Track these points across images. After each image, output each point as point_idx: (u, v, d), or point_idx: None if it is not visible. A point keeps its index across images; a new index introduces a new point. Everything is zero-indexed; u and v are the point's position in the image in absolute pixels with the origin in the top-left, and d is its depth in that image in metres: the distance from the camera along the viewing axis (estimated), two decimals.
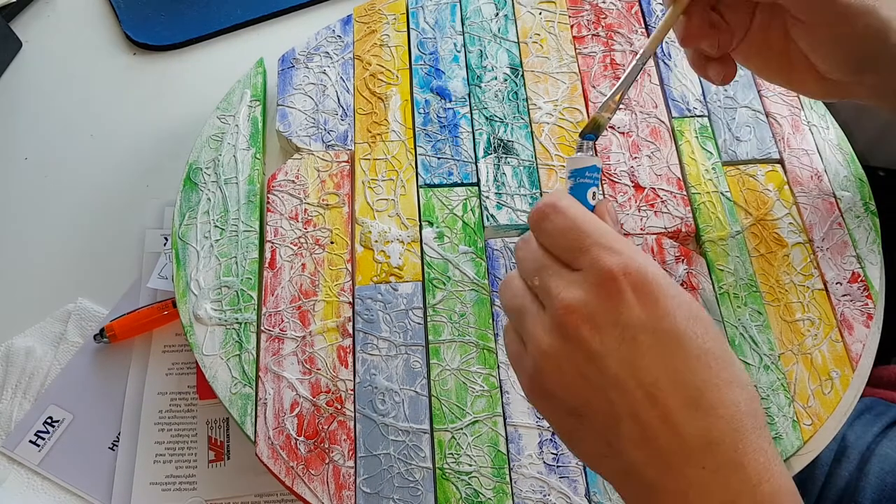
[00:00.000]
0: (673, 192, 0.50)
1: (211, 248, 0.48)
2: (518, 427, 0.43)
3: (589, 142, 0.37)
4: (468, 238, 0.48)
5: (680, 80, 0.54)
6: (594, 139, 0.37)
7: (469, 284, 0.47)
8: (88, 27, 0.66)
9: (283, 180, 0.50)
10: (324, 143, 0.52)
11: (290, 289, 0.47)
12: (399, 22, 0.57)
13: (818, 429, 0.43)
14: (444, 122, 0.53)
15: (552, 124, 0.53)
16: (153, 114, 0.61)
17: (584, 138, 0.37)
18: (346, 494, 0.41)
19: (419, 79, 0.55)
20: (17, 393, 0.50)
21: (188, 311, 0.46)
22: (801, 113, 0.53)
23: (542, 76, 0.55)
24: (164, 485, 0.47)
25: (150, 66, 0.64)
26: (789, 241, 0.48)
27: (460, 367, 0.44)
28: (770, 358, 0.45)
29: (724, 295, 0.46)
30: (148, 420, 0.48)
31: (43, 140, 0.60)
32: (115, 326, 0.50)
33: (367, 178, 0.51)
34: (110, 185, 0.58)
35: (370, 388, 0.44)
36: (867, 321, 0.46)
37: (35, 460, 0.48)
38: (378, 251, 0.48)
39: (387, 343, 0.45)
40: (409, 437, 0.42)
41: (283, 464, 0.42)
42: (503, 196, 0.50)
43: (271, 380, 0.44)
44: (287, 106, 0.54)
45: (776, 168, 0.51)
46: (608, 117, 0.38)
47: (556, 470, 0.42)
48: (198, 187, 0.51)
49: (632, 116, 0.53)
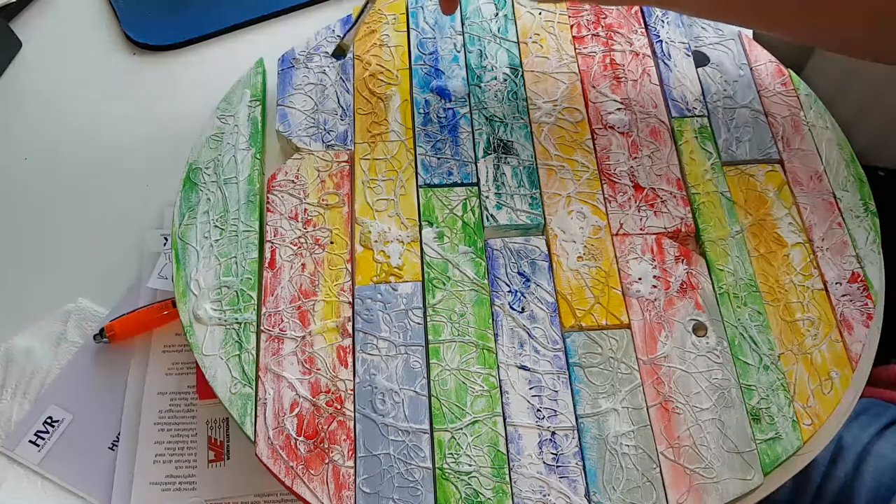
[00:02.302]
0: (673, 192, 0.50)
1: (211, 248, 0.48)
2: (518, 427, 0.43)
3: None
4: (468, 238, 0.48)
5: (680, 81, 0.54)
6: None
7: (469, 284, 0.47)
8: (88, 27, 0.66)
9: (282, 180, 0.50)
10: (323, 143, 0.52)
11: (289, 289, 0.47)
12: (399, 22, 0.57)
13: (818, 429, 0.43)
14: (444, 122, 0.53)
15: (552, 124, 0.53)
16: (153, 114, 0.61)
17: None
18: (345, 494, 0.41)
19: (419, 79, 0.55)
20: (17, 393, 0.50)
21: (188, 311, 0.46)
22: (801, 113, 0.53)
23: (542, 76, 0.55)
24: (163, 485, 0.47)
25: (150, 66, 0.64)
26: (789, 241, 0.48)
27: (460, 367, 0.44)
28: (770, 358, 0.45)
29: (724, 295, 0.46)
30: (148, 420, 0.49)
31: (43, 140, 0.60)
32: (115, 326, 0.50)
33: (367, 178, 0.51)
34: (110, 184, 0.58)
35: (370, 388, 0.44)
36: (867, 321, 0.46)
37: (35, 460, 0.48)
38: (378, 251, 0.48)
39: (386, 343, 0.45)
40: (408, 437, 0.42)
41: (283, 464, 0.42)
42: (503, 196, 0.50)
43: (271, 380, 0.44)
44: (287, 106, 0.54)
45: (776, 168, 0.51)
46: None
47: (555, 470, 0.42)
48: (198, 187, 0.51)
49: (632, 116, 0.53)
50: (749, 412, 0.43)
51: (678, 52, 0.56)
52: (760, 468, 0.41)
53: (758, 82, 0.55)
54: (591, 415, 0.43)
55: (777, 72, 0.55)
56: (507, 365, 0.44)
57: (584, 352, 0.45)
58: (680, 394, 0.43)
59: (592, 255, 0.48)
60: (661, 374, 0.44)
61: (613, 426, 0.43)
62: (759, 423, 0.43)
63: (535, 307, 0.46)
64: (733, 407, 0.43)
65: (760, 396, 0.43)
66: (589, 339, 0.45)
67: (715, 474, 0.41)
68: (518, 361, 0.44)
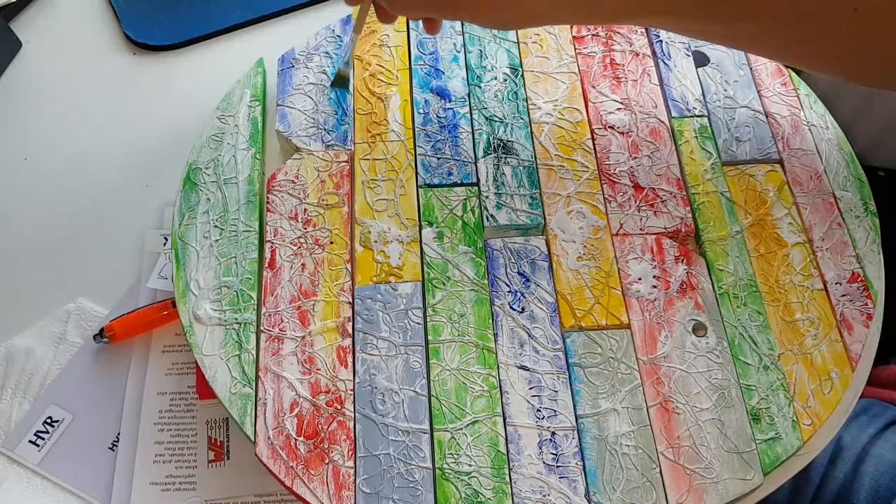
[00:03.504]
0: (673, 192, 0.50)
1: (211, 248, 0.48)
2: (518, 427, 0.43)
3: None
4: (468, 238, 0.48)
5: (680, 81, 0.54)
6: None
7: (469, 284, 0.47)
8: (88, 27, 0.66)
9: (282, 180, 0.50)
10: (323, 143, 0.52)
11: (289, 289, 0.47)
12: (399, 22, 0.57)
13: (818, 429, 0.43)
14: (444, 122, 0.53)
15: (552, 124, 0.53)
16: (153, 114, 0.61)
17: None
18: (345, 494, 0.41)
19: (419, 79, 0.55)
20: (17, 393, 0.50)
21: (188, 311, 0.46)
22: (801, 113, 0.53)
23: (542, 76, 0.55)
24: (163, 485, 0.47)
25: (150, 66, 0.64)
26: (789, 241, 0.48)
27: (460, 367, 0.44)
28: (770, 358, 0.45)
29: (724, 295, 0.46)
30: (148, 420, 0.48)
31: (43, 140, 0.60)
32: (115, 326, 0.50)
33: (367, 178, 0.51)
34: (110, 185, 0.58)
35: (370, 389, 0.44)
36: (867, 321, 0.46)
37: (35, 460, 0.48)
38: (378, 251, 0.48)
39: (386, 343, 0.45)
40: (408, 437, 0.42)
41: (283, 464, 0.42)
42: (503, 196, 0.50)
43: (271, 380, 0.44)
44: (287, 106, 0.54)
45: (776, 168, 0.51)
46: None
47: (555, 470, 0.42)
48: (197, 187, 0.51)
49: (631, 116, 0.53)
50: (749, 412, 0.43)
51: (678, 52, 0.56)
52: (760, 468, 0.41)
53: (758, 82, 0.55)
54: (590, 415, 0.43)
55: (777, 72, 0.55)
56: (506, 365, 0.44)
57: (583, 352, 0.45)
58: (680, 394, 0.43)
59: (592, 255, 0.48)
60: (660, 374, 0.44)
61: (613, 426, 0.43)
62: (759, 423, 0.43)
63: (534, 307, 0.46)
64: (733, 407, 0.43)
65: (760, 396, 0.43)
66: (589, 339, 0.45)
67: (715, 474, 0.41)
68: (518, 361, 0.44)
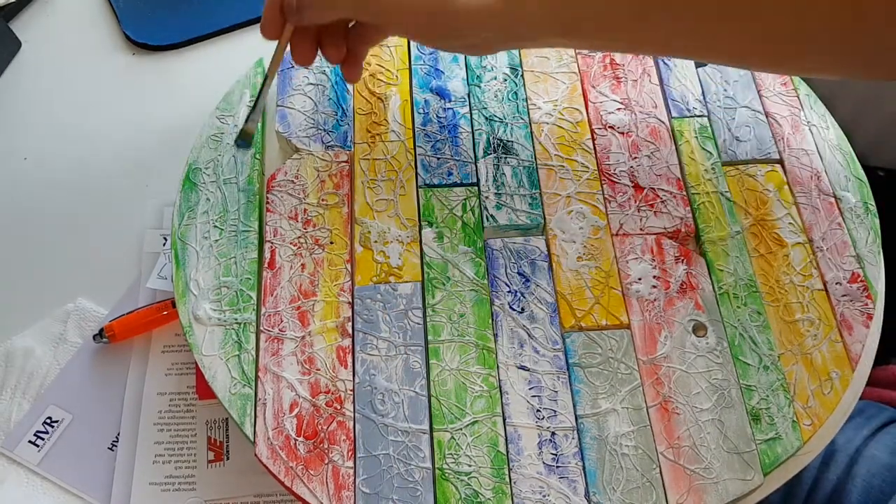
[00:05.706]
0: (672, 193, 0.50)
1: (210, 248, 0.48)
2: (517, 427, 0.43)
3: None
4: (468, 238, 0.48)
5: (680, 81, 0.54)
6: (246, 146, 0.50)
7: (468, 284, 0.47)
8: (88, 27, 0.66)
9: (282, 180, 0.50)
10: (323, 143, 0.52)
11: (289, 289, 0.47)
12: None
13: (818, 429, 0.43)
14: (444, 122, 0.53)
15: (552, 124, 0.53)
16: (153, 114, 0.61)
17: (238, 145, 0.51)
18: (345, 495, 0.41)
19: (419, 79, 0.55)
20: (17, 393, 0.50)
21: (187, 312, 0.46)
22: (801, 113, 0.53)
23: (542, 76, 0.55)
24: (163, 485, 0.47)
25: (149, 66, 0.64)
26: (789, 241, 0.48)
27: (460, 367, 0.44)
28: (770, 358, 0.45)
29: (724, 295, 0.46)
30: (147, 420, 0.48)
31: (43, 140, 0.60)
32: (115, 326, 0.50)
33: (367, 178, 0.51)
34: (110, 185, 0.58)
35: (369, 389, 0.44)
36: (867, 321, 0.46)
37: (34, 460, 0.48)
38: (377, 251, 0.48)
39: (386, 343, 0.45)
40: (408, 437, 0.42)
41: (283, 464, 0.42)
42: (503, 196, 0.50)
43: (270, 380, 0.44)
44: (286, 107, 0.54)
45: (776, 168, 0.51)
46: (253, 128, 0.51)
47: (555, 470, 0.42)
48: (197, 187, 0.51)
49: (631, 116, 0.53)
50: (749, 412, 0.43)
51: None
52: (760, 468, 0.41)
53: (758, 82, 0.55)
54: (590, 415, 0.43)
55: None
56: (506, 365, 0.44)
57: (583, 352, 0.45)
58: (680, 394, 0.43)
59: (592, 256, 0.48)
60: (660, 374, 0.44)
61: (613, 426, 0.42)
62: (759, 424, 0.43)
63: (534, 307, 0.46)
64: (733, 407, 0.43)
65: (760, 397, 0.43)
66: (589, 340, 0.45)
67: (715, 474, 0.41)
68: (518, 362, 0.44)
